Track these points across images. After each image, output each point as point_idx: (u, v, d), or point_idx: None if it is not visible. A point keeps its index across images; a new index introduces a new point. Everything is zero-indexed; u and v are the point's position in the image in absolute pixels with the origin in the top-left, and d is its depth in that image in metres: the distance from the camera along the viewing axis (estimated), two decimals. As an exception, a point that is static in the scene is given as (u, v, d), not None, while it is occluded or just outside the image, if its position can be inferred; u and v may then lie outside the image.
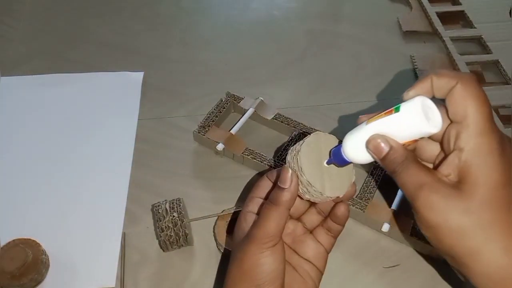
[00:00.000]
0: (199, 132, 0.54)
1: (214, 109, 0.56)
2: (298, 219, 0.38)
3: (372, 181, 0.50)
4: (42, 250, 0.44)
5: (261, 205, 0.35)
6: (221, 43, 0.69)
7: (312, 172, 0.32)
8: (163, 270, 0.46)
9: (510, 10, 0.71)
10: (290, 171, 0.32)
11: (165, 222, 0.43)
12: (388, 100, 0.61)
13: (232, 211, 0.46)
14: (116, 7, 0.74)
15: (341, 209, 0.35)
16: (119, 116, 0.58)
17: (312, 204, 0.37)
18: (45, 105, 0.60)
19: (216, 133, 0.54)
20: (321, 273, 0.36)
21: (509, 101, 0.58)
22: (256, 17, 0.73)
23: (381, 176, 0.51)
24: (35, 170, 0.53)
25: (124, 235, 0.47)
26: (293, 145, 0.34)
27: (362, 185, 0.50)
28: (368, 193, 0.49)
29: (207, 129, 0.54)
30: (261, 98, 0.57)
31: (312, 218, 0.37)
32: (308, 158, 0.32)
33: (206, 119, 0.55)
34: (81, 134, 0.57)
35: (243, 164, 0.53)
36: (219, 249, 0.46)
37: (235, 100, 0.58)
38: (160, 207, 0.44)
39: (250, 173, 0.53)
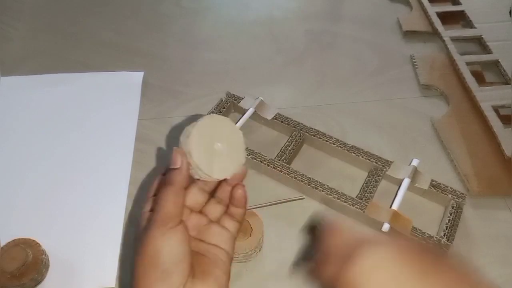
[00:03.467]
0: None
1: (214, 109, 0.56)
2: (201, 212, 0.38)
3: (372, 181, 0.51)
4: (42, 250, 0.44)
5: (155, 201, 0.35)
6: (221, 43, 0.69)
7: (200, 155, 0.33)
8: (163, 270, 0.46)
9: (510, 10, 0.71)
10: (179, 153, 0.33)
11: None
12: (388, 100, 0.61)
13: None
14: (116, 7, 0.74)
15: (238, 192, 0.36)
16: (119, 116, 0.58)
17: (211, 195, 0.38)
18: (45, 105, 0.60)
19: None
20: (230, 256, 0.36)
21: (509, 101, 0.58)
22: (256, 17, 0.73)
23: (382, 176, 0.51)
24: (35, 170, 0.53)
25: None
26: (189, 125, 0.35)
27: (362, 185, 0.50)
28: (368, 193, 0.49)
29: None
30: (261, 98, 0.57)
31: (214, 208, 0.38)
32: (198, 141, 0.34)
33: None
34: (81, 134, 0.57)
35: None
36: None
37: (235, 100, 0.58)
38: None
39: (250, 173, 0.53)
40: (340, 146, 0.53)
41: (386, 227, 0.46)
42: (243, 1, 0.76)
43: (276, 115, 0.56)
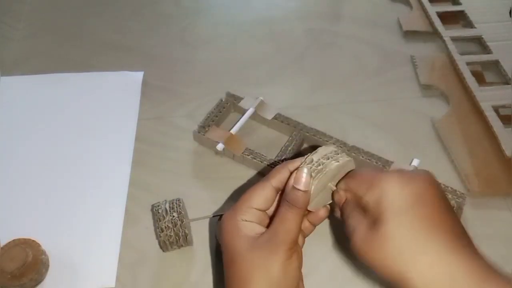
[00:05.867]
0: (199, 132, 0.54)
1: (214, 109, 0.56)
2: None
3: None
4: (42, 250, 0.44)
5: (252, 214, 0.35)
6: (221, 43, 0.69)
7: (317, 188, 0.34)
8: (162, 270, 0.46)
9: (510, 10, 0.71)
10: (309, 175, 0.33)
11: (165, 222, 0.43)
12: (388, 100, 0.61)
13: None
14: (116, 7, 0.74)
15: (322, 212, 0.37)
16: (119, 116, 0.58)
17: None
18: (45, 105, 0.60)
19: (216, 133, 0.54)
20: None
21: (509, 101, 0.58)
22: (256, 17, 0.73)
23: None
24: (35, 170, 0.53)
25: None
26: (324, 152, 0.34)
27: None
28: None
29: (207, 129, 0.54)
30: (261, 98, 0.57)
31: None
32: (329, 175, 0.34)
33: (206, 119, 0.55)
34: (81, 134, 0.57)
35: (243, 164, 0.53)
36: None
37: (235, 100, 0.58)
38: (160, 207, 0.44)
39: (250, 173, 0.53)
40: (340, 146, 0.53)
41: None
42: (243, 1, 0.76)
43: (276, 115, 0.56)
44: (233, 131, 0.54)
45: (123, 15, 0.73)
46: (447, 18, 0.70)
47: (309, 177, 0.33)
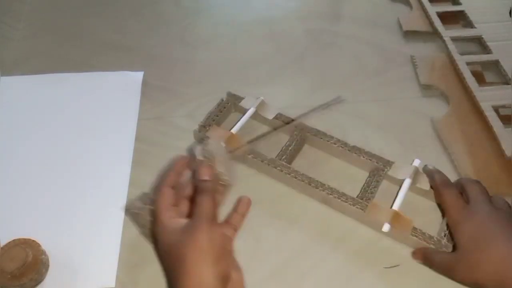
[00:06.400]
0: (199, 131, 0.54)
1: (215, 109, 0.56)
2: None
3: (373, 181, 0.50)
4: (42, 250, 0.44)
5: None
6: (221, 43, 0.69)
7: (221, 167, 0.45)
8: (162, 270, 0.46)
9: (510, 10, 0.71)
10: (206, 167, 0.43)
11: (143, 218, 0.44)
12: (388, 100, 0.61)
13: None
14: (117, 7, 0.74)
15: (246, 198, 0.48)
16: (119, 116, 0.58)
17: None
18: (45, 105, 0.60)
19: (217, 132, 0.54)
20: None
21: (509, 101, 0.58)
22: (256, 17, 0.73)
23: (383, 176, 0.51)
24: (35, 169, 0.53)
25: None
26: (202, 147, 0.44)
27: (363, 185, 0.50)
28: (369, 193, 0.49)
29: (207, 128, 0.54)
30: (262, 98, 0.57)
31: None
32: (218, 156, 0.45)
33: (207, 118, 0.55)
34: (81, 134, 0.57)
35: (244, 164, 0.53)
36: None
37: (236, 100, 0.58)
38: (131, 206, 0.45)
39: (250, 173, 0.53)
40: (341, 146, 0.53)
41: (386, 227, 0.46)
42: (243, 1, 0.76)
43: (277, 114, 0.56)
44: (233, 130, 0.54)
45: (123, 15, 0.73)
46: (447, 18, 0.70)
47: (209, 168, 0.43)
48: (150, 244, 0.47)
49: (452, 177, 0.53)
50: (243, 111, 0.57)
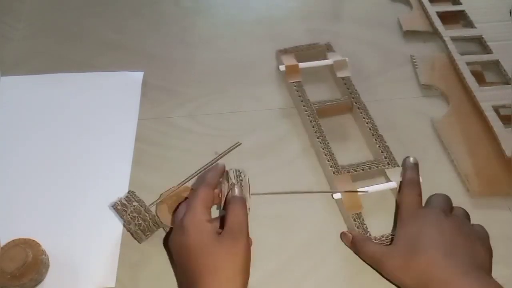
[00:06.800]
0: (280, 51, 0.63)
1: (307, 45, 0.65)
2: None
3: (366, 165, 0.51)
4: (42, 250, 0.44)
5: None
6: (221, 43, 0.69)
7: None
8: (162, 270, 0.46)
9: (511, 10, 0.71)
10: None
11: (129, 214, 0.44)
12: (388, 100, 0.61)
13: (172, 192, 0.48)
14: (117, 7, 0.74)
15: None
16: (119, 116, 0.58)
17: None
18: (45, 105, 0.60)
19: (288, 60, 0.61)
20: None
21: (509, 101, 0.58)
22: (256, 17, 0.73)
23: (377, 169, 0.51)
24: (35, 170, 0.53)
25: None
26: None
27: (356, 163, 0.51)
28: (352, 168, 0.50)
29: (288, 53, 0.63)
30: (347, 58, 0.62)
31: None
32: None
33: (294, 47, 0.64)
34: (81, 134, 0.57)
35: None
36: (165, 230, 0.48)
37: (327, 50, 0.65)
38: (117, 204, 0.45)
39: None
40: (370, 128, 0.56)
41: (337, 195, 0.49)
42: (243, 1, 0.76)
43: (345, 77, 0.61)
44: (301, 65, 0.60)
45: (123, 15, 0.73)
46: (447, 18, 0.70)
47: (241, 189, 0.44)
48: (140, 242, 0.46)
49: (452, 177, 0.53)
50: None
